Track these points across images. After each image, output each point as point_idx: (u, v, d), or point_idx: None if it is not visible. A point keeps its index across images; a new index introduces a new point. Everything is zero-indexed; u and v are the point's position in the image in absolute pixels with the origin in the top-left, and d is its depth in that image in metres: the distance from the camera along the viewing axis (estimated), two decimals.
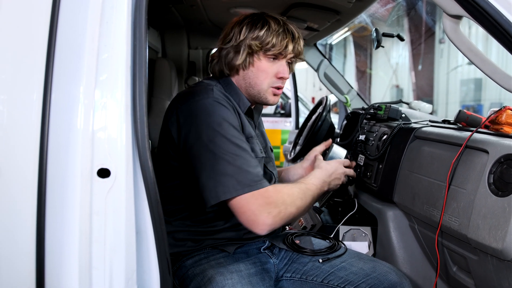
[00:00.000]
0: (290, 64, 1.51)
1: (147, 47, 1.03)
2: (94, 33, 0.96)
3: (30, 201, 0.91)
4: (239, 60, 1.44)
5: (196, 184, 1.29)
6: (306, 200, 1.38)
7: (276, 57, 1.45)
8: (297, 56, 1.50)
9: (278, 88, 1.49)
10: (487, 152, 1.31)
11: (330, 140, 1.89)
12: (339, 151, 1.87)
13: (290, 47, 1.44)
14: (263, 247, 1.51)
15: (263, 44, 1.42)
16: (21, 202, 0.92)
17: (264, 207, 1.26)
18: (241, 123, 1.41)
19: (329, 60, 3.23)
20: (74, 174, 0.93)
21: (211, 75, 1.56)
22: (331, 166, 1.57)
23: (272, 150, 1.68)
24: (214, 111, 1.32)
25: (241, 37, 1.43)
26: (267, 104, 1.52)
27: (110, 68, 0.96)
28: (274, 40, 1.42)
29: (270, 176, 1.55)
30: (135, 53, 0.98)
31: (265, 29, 1.43)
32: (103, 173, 0.94)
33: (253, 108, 1.57)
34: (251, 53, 1.44)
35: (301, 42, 1.49)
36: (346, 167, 1.68)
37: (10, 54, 0.94)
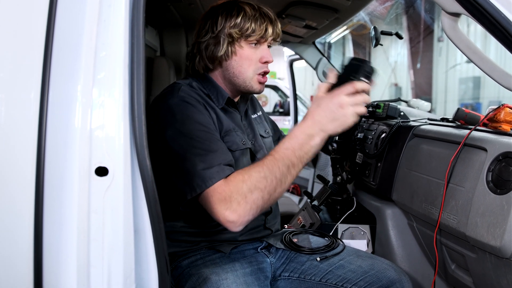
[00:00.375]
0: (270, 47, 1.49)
1: (145, 46, 1.03)
2: (91, 32, 0.96)
3: (27, 199, 0.91)
4: (221, 51, 1.41)
5: (171, 186, 1.26)
6: (275, 174, 1.18)
7: (257, 42, 1.43)
8: (276, 39, 1.48)
9: (264, 73, 1.46)
10: (485, 150, 1.31)
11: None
12: None
13: (270, 30, 1.42)
14: (260, 247, 1.50)
15: (242, 31, 1.39)
16: (19, 201, 0.91)
17: (219, 205, 1.16)
18: (217, 117, 1.38)
19: (328, 58, 3.23)
20: (72, 172, 0.93)
21: (189, 74, 1.53)
22: (319, 108, 1.21)
23: (270, 135, 1.65)
24: (178, 111, 1.30)
25: (219, 27, 1.40)
26: (253, 92, 1.49)
27: (107, 67, 0.96)
28: (253, 25, 1.39)
29: None
30: (133, 52, 0.98)
31: (241, 15, 1.40)
32: (101, 171, 0.93)
33: (240, 98, 1.55)
34: (232, 41, 1.41)
35: (279, 25, 1.47)
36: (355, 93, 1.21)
37: (7, 52, 0.93)
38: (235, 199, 1.16)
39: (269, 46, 1.47)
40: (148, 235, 0.97)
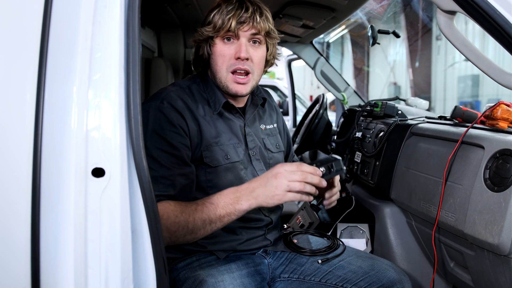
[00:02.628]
0: (260, 44, 1.38)
1: (143, 47, 1.03)
2: (87, 32, 0.96)
3: (24, 200, 0.91)
4: (202, 50, 1.40)
5: None
6: (187, 224, 1.19)
7: (230, 37, 1.35)
8: (260, 33, 1.36)
9: (241, 73, 1.36)
10: (482, 147, 1.31)
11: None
12: None
13: (234, 23, 1.31)
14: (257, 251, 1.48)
15: (214, 27, 1.34)
16: (15, 202, 0.91)
17: None
18: (198, 129, 1.34)
19: (327, 58, 3.23)
20: (68, 173, 0.92)
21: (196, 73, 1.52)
22: (258, 178, 1.21)
23: (280, 148, 1.58)
24: (152, 120, 1.28)
25: (201, 26, 1.40)
26: (230, 93, 1.38)
27: (103, 67, 0.96)
28: (220, 21, 1.33)
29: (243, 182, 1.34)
30: (129, 52, 0.98)
31: (215, 11, 1.36)
32: (98, 172, 0.93)
33: (250, 103, 1.50)
34: (207, 39, 1.37)
35: (262, 17, 1.35)
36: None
37: (2, 53, 0.93)
38: None
39: (259, 42, 1.38)
40: (146, 235, 0.97)
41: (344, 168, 1.23)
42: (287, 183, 1.16)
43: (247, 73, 1.37)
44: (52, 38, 0.95)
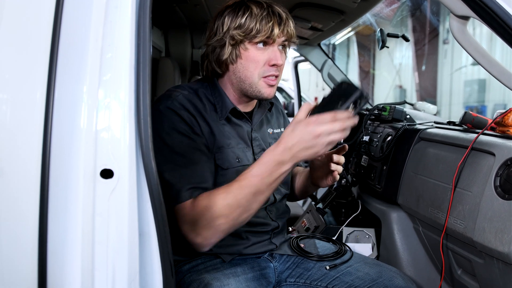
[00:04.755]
0: (284, 48, 1.40)
1: (151, 47, 1.02)
2: (97, 33, 0.95)
3: (32, 201, 0.90)
4: (226, 54, 1.35)
5: None
6: (240, 202, 1.16)
7: (265, 43, 1.33)
8: (290, 40, 1.38)
9: (272, 77, 1.36)
10: (493, 154, 1.29)
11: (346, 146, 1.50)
12: None
13: (277, 30, 1.31)
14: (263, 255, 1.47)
15: (246, 31, 1.31)
16: (24, 202, 0.91)
17: (186, 225, 1.19)
18: (210, 132, 1.32)
19: (333, 60, 3.22)
20: (77, 174, 0.92)
21: (202, 77, 1.49)
22: (293, 134, 1.14)
23: None
24: (166, 119, 1.27)
25: (224, 29, 1.34)
26: (262, 98, 1.38)
27: (113, 68, 0.95)
28: (258, 26, 1.30)
29: None
30: (139, 53, 0.97)
31: (246, 15, 1.31)
32: (106, 173, 0.93)
33: (258, 107, 1.49)
34: (236, 44, 1.33)
35: (291, 24, 1.36)
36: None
37: (13, 53, 0.93)
38: (199, 224, 1.17)
39: (284, 47, 1.39)
40: (153, 238, 0.97)
41: (367, 94, 1.16)
42: (328, 138, 1.11)
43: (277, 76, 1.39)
44: (63, 38, 0.95)
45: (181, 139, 1.26)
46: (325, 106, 1.14)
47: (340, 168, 1.49)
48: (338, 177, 1.51)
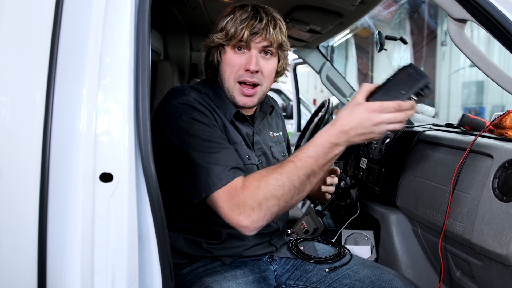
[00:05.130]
0: (272, 56, 1.35)
1: (150, 50, 1.03)
2: (97, 36, 0.96)
3: (32, 204, 0.90)
4: (212, 56, 1.37)
5: (176, 190, 1.22)
6: (294, 183, 1.12)
7: (242, 47, 1.32)
8: (272, 45, 1.32)
9: (248, 86, 1.33)
10: (491, 156, 1.30)
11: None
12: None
13: (246, 33, 1.27)
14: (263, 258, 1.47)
15: (225, 35, 1.30)
16: (23, 205, 0.91)
17: (233, 209, 1.13)
18: (224, 127, 1.32)
19: (331, 62, 3.23)
20: (76, 178, 0.92)
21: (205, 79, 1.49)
22: (351, 117, 1.10)
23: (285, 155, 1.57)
24: (184, 112, 1.25)
25: (213, 32, 1.36)
26: (237, 105, 1.36)
27: (113, 71, 0.96)
28: (233, 29, 1.29)
29: None
30: (138, 57, 0.98)
31: (228, 18, 1.31)
32: (106, 177, 0.93)
33: (259, 111, 1.49)
34: (217, 47, 1.34)
35: (272, 29, 1.31)
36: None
37: (13, 56, 0.93)
38: (249, 205, 1.12)
39: (269, 54, 1.34)
40: (153, 241, 0.97)
41: (431, 87, 1.09)
42: (387, 127, 1.08)
43: (255, 85, 1.34)
44: (62, 41, 0.95)
45: (204, 128, 1.24)
46: (387, 90, 1.09)
47: (331, 189, 1.53)
48: (329, 196, 1.56)
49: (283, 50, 1.39)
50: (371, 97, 1.09)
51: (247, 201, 1.12)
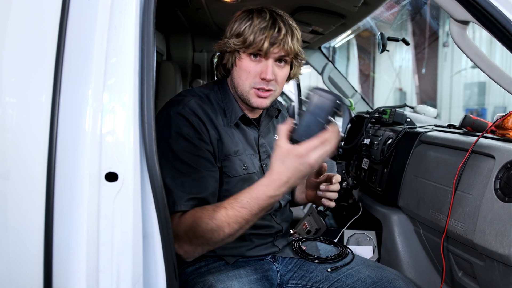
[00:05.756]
0: (286, 64, 1.37)
1: (155, 51, 1.04)
2: (102, 37, 0.96)
3: (38, 204, 0.91)
4: (226, 59, 1.38)
5: None
6: (224, 230, 1.14)
7: (258, 55, 1.32)
8: (288, 55, 1.34)
9: (261, 89, 1.34)
10: (493, 157, 1.30)
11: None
12: None
13: (266, 44, 1.28)
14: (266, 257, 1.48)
15: (242, 41, 1.31)
16: (30, 205, 0.92)
17: (174, 235, 1.12)
18: (219, 140, 1.32)
19: (333, 63, 3.24)
20: (82, 177, 0.93)
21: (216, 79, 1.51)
22: (285, 167, 1.08)
23: None
24: (175, 125, 1.26)
25: (228, 34, 1.36)
26: (252, 106, 1.38)
27: (118, 72, 0.96)
28: (251, 37, 1.29)
29: None
30: (143, 57, 0.98)
31: (247, 25, 1.31)
32: (111, 177, 0.94)
33: (265, 114, 1.49)
34: (232, 51, 1.35)
35: (290, 40, 1.32)
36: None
37: (19, 57, 0.94)
38: (182, 238, 1.18)
39: (284, 62, 1.35)
40: (157, 240, 0.98)
41: (343, 102, 1.11)
42: (317, 160, 1.07)
43: (269, 90, 1.36)
44: (69, 42, 0.96)
45: (186, 145, 1.26)
46: (305, 126, 1.08)
47: (329, 195, 1.49)
48: (330, 202, 1.50)
49: (298, 60, 1.41)
50: (293, 134, 1.09)
51: (181, 234, 1.18)
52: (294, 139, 1.08)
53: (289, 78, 1.44)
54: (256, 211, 1.13)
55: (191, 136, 1.27)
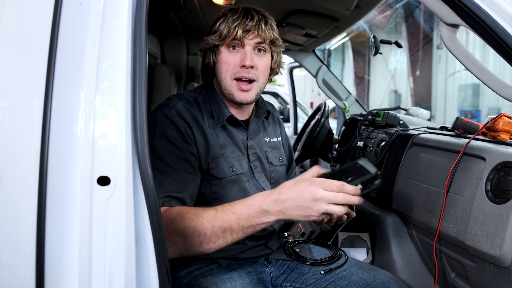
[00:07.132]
0: (265, 53, 1.39)
1: (147, 55, 1.04)
2: (94, 41, 0.97)
3: (30, 207, 0.91)
4: (208, 58, 1.42)
5: None
6: (205, 231, 1.09)
7: (236, 46, 1.36)
8: (265, 41, 1.36)
9: (244, 81, 1.36)
10: (484, 159, 1.32)
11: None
12: None
13: (240, 31, 1.32)
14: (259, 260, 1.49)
15: (218, 35, 1.36)
16: (22, 209, 0.92)
17: None
18: (205, 142, 1.33)
19: (328, 65, 3.25)
20: (74, 181, 0.93)
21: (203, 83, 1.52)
22: (292, 188, 1.07)
23: (283, 161, 1.57)
24: (160, 126, 1.28)
25: (207, 35, 1.41)
26: (235, 101, 1.39)
27: (110, 76, 0.97)
28: (226, 29, 1.34)
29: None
30: (135, 62, 0.99)
31: (221, 20, 1.37)
32: (103, 181, 0.94)
33: (254, 116, 1.51)
34: (213, 48, 1.39)
35: (264, 26, 1.35)
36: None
37: (11, 61, 0.94)
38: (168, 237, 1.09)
39: (263, 50, 1.38)
40: (149, 244, 0.98)
41: (379, 180, 1.07)
42: (326, 207, 1.03)
43: (251, 81, 1.38)
44: (61, 46, 0.96)
45: (169, 146, 1.27)
46: (335, 175, 1.07)
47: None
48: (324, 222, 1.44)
49: (276, 46, 1.43)
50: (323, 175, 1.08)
51: (168, 233, 1.09)
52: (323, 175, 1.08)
53: (272, 70, 1.46)
54: (244, 221, 1.09)
55: (175, 138, 1.28)
